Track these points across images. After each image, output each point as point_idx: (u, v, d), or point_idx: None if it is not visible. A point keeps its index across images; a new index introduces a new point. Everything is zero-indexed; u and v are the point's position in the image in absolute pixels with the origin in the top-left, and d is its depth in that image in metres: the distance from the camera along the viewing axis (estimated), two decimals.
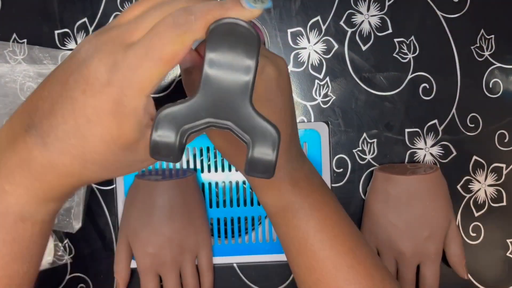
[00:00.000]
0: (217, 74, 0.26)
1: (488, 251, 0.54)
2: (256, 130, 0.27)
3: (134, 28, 0.26)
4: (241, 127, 0.26)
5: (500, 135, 0.54)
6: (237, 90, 0.26)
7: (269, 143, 0.27)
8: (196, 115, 0.26)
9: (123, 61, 0.25)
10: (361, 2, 0.53)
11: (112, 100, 0.25)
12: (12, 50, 0.51)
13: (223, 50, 0.26)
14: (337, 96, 0.53)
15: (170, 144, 0.26)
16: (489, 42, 0.54)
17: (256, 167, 0.27)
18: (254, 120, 0.26)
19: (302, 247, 0.35)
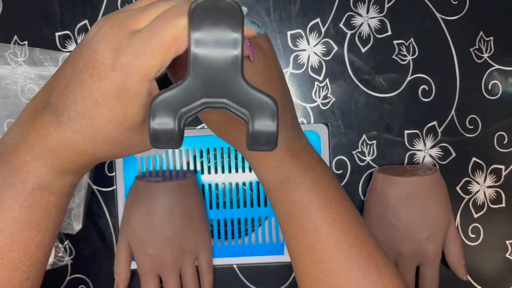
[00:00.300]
0: (205, 52, 0.26)
1: (487, 252, 0.54)
2: (253, 103, 0.26)
3: (141, 15, 0.27)
4: (237, 102, 0.26)
5: (499, 137, 0.54)
6: (227, 66, 0.26)
7: (268, 114, 0.26)
8: (190, 97, 0.26)
9: (127, 46, 0.26)
10: (360, 4, 0.53)
11: (117, 85, 0.26)
12: (13, 52, 0.52)
13: (207, 27, 0.26)
14: (336, 98, 0.54)
15: (169, 130, 0.26)
16: (488, 44, 0.54)
17: (258, 140, 0.26)
18: (249, 94, 0.26)
19: (303, 224, 0.34)
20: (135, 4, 0.29)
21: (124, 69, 0.26)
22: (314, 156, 0.35)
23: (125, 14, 0.27)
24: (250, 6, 0.53)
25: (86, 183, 0.52)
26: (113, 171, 0.53)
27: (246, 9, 0.52)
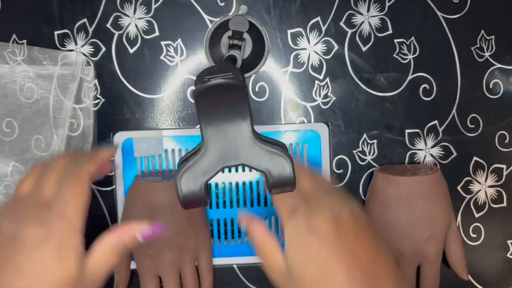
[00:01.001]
0: (216, 129, 0.29)
1: (488, 252, 0.54)
2: (268, 159, 0.29)
3: (41, 191, 0.33)
4: (253, 163, 0.29)
5: (501, 136, 0.54)
6: (239, 136, 0.29)
7: (283, 165, 0.29)
8: (210, 167, 0.29)
9: (51, 212, 0.30)
10: (361, 3, 0.53)
11: (55, 247, 0.30)
12: (11, 51, 0.51)
13: (214, 108, 0.28)
14: (337, 97, 0.53)
15: (197, 196, 0.29)
16: (490, 42, 0.53)
17: (277, 188, 0.30)
18: (263, 152, 0.29)
19: None
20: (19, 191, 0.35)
21: (58, 229, 0.31)
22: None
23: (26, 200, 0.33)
24: (250, 5, 0.53)
25: None
26: (113, 171, 0.53)
27: (245, 7, 0.52)
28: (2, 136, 0.51)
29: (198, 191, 0.29)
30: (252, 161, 0.29)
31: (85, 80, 0.52)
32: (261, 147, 0.29)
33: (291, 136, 0.53)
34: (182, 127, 0.53)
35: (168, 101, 0.53)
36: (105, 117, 0.53)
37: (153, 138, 0.53)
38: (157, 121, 0.53)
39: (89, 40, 0.52)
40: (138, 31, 0.52)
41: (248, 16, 0.52)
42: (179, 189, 0.29)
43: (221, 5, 0.52)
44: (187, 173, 0.29)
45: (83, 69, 0.52)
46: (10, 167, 0.51)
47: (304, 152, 0.53)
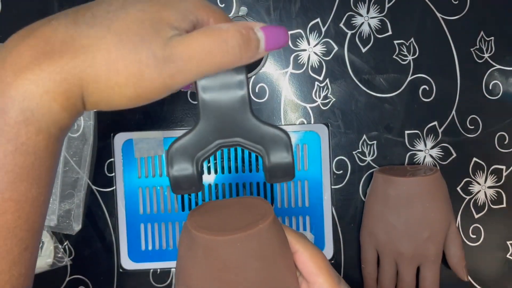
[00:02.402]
0: (213, 97, 0.27)
1: (488, 253, 0.54)
2: (266, 138, 0.27)
3: None
4: (250, 139, 0.27)
5: (500, 137, 0.54)
6: (236, 106, 0.27)
7: (282, 147, 0.27)
8: (205, 141, 0.27)
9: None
10: (360, 4, 0.53)
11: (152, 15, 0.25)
12: None
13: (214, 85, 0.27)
14: (337, 98, 0.53)
15: (189, 176, 0.27)
16: (489, 44, 0.54)
17: (276, 173, 0.28)
18: (261, 129, 0.27)
19: None
20: None
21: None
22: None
23: None
24: (250, 6, 0.53)
25: (85, 183, 0.52)
26: (113, 172, 0.53)
27: (245, 9, 0.52)
28: None
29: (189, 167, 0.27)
30: (249, 139, 0.27)
31: None
32: (261, 125, 0.27)
33: (291, 137, 0.53)
34: (183, 128, 0.53)
35: (169, 102, 0.53)
36: (105, 118, 0.53)
37: (153, 139, 0.53)
38: (158, 122, 0.53)
39: None
40: None
41: (248, 17, 0.52)
42: (169, 169, 0.27)
43: (221, 7, 0.52)
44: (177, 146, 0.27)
45: None
46: None
47: (304, 153, 0.54)
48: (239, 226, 0.29)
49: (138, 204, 0.53)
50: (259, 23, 0.27)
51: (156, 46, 0.24)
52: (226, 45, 0.25)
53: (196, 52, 0.25)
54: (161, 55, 0.24)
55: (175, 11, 0.26)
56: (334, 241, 0.54)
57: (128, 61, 0.24)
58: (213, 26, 0.26)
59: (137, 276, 0.53)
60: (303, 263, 0.32)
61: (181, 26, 0.25)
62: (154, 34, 0.24)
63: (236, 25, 0.26)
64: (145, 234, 0.53)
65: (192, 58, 0.25)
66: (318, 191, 0.54)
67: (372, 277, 0.52)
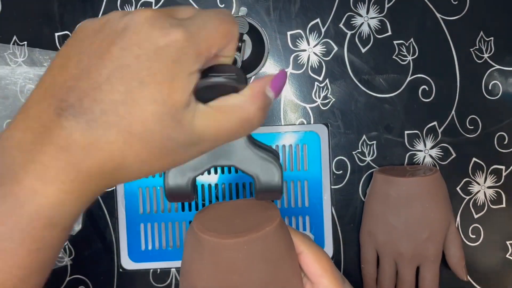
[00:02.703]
0: None
1: (487, 253, 0.54)
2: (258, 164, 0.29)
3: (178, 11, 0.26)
4: (243, 167, 0.29)
5: (500, 137, 0.54)
6: None
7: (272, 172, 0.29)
8: (200, 164, 0.29)
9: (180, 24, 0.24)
10: (360, 5, 0.53)
11: (170, 60, 0.24)
12: (12, 53, 0.51)
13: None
14: (336, 98, 0.53)
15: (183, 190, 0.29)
16: (489, 44, 0.54)
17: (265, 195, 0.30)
18: (254, 156, 0.29)
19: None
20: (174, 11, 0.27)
21: (179, 43, 0.24)
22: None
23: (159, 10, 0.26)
24: (249, 6, 0.53)
25: None
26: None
27: (245, 9, 0.52)
28: None
29: (185, 185, 0.29)
30: (242, 164, 0.29)
31: None
32: (254, 152, 0.29)
33: (290, 137, 0.53)
34: None
35: None
36: None
37: None
38: None
39: None
40: None
41: (248, 17, 0.52)
42: (166, 181, 0.29)
43: (221, 7, 0.53)
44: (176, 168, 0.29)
45: None
46: None
47: (303, 153, 0.54)
48: (246, 229, 0.29)
49: (138, 204, 0.53)
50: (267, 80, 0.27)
51: (183, 137, 0.25)
52: (248, 123, 0.26)
53: (221, 136, 0.26)
54: (189, 142, 0.25)
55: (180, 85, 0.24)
56: (334, 241, 0.54)
57: (159, 156, 0.25)
58: (231, 104, 0.26)
59: (137, 276, 0.53)
60: (307, 264, 0.32)
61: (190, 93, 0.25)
62: (176, 126, 0.24)
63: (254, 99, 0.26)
64: (145, 234, 0.53)
65: (218, 140, 0.26)
66: (318, 191, 0.54)
67: (371, 277, 0.52)
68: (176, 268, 0.54)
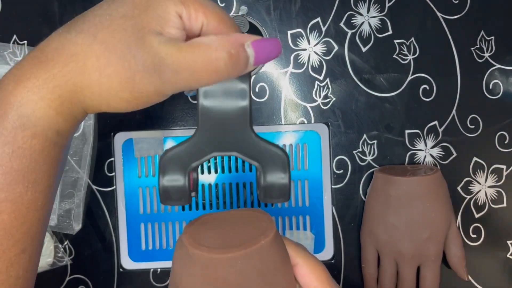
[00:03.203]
0: (213, 104, 0.26)
1: (488, 253, 0.54)
2: (264, 156, 0.26)
3: None
4: (247, 155, 0.27)
5: (500, 136, 0.54)
6: (236, 117, 0.26)
7: (280, 166, 0.26)
8: (200, 152, 0.27)
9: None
10: (361, 4, 0.53)
11: None
12: (12, 52, 0.51)
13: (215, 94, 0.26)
14: (337, 98, 0.53)
15: (179, 187, 0.26)
16: (489, 43, 0.54)
17: (271, 193, 0.27)
18: (259, 146, 0.26)
19: None
20: None
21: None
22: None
23: None
24: (250, 5, 0.53)
25: (85, 183, 0.52)
26: (113, 171, 0.53)
27: (246, 8, 0.52)
28: None
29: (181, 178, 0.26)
30: (245, 153, 0.27)
31: None
32: (259, 140, 0.27)
33: (291, 136, 0.53)
34: (183, 127, 0.53)
35: (169, 102, 0.53)
36: (105, 118, 0.53)
37: (154, 138, 0.53)
38: (158, 122, 0.53)
39: None
40: None
41: (248, 16, 0.52)
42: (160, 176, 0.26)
43: (221, 6, 0.52)
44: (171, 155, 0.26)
45: None
46: None
47: (304, 152, 0.54)
48: (239, 243, 0.27)
49: (138, 203, 0.53)
50: (251, 37, 0.26)
51: (143, 54, 0.25)
52: (212, 64, 0.25)
53: (182, 68, 0.25)
54: (150, 63, 0.25)
55: (155, 14, 0.26)
56: (334, 240, 0.54)
57: (118, 67, 0.25)
58: (200, 40, 0.25)
59: (137, 275, 0.53)
60: (303, 276, 0.31)
61: (165, 30, 0.26)
62: (139, 42, 0.25)
63: (224, 42, 0.25)
64: (145, 233, 0.53)
65: (179, 73, 0.25)
66: (318, 190, 0.54)
67: (372, 277, 0.52)
68: None
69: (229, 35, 0.26)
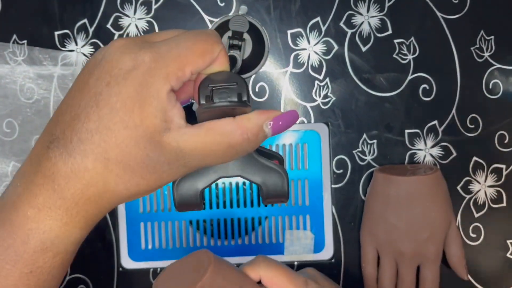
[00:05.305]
0: None
1: (488, 252, 0.54)
2: (264, 171, 0.30)
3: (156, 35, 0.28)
4: (250, 176, 0.31)
5: (500, 136, 0.54)
6: None
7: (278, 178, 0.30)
8: (208, 177, 0.31)
9: (149, 47, 0.25)
10: (361, 3, 0.53)
11: (137, 83, 0.25)
12: (12, 51, 0.51)
13: None
14: (337, 97, 0.53)
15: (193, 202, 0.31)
16: (489, 43, 0.54)
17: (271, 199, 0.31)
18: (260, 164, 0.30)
19: None
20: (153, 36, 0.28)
21: (146, 65, 0.25)
22: None
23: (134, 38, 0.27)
24: (250, 5, 0.53)
25: None
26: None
27: (245, 8, 0.52)
28: (3, 136, 0.51)
29: (193, 197, 0.31)
30: (249, 174, 0.31)
31: None
32: (259, 161, 0.30)
33: (291, 136, 0.53)
34: None
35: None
36: None
37: None
38: None
39: (90, 40, 0.52)
40: (138, 31, 0.53)
41: (248, 16, 0.52)
42: (175, 193, 0.30)
43: (221, 6, 0.52)
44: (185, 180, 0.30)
45: None
46: (10, 167, 0.51)
47: (304, 152, 0.54)
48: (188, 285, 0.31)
49: (138, 203, 0.53)
50: (270, 115, 0.27)
51: (166, 157, 0.26)
52: (234, 149, 0.27)
53: (206, 154, 0.26)
54: (174, 159, 0.26)
55: (154, 110, 0.25)
56: (334, 240, 0.54)
57: (144, 175, 0.26)
58: (220, 128, 0.26)
59: (137, 275, 0.53)
60: (269, 283, 0.33)
61: (170, 119, 0.25)
62: (156, 148, 0.25)
63: (245, 130, 0.26)
64: (145, 233, 0.53)
65: (205, 158, 0.26)
66: (318, 190, 0.54)
67: (372, 277, 0.52)
68: None
69: (251, 117, 0.26)
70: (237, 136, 0.26)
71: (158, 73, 0.25)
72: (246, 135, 0.26)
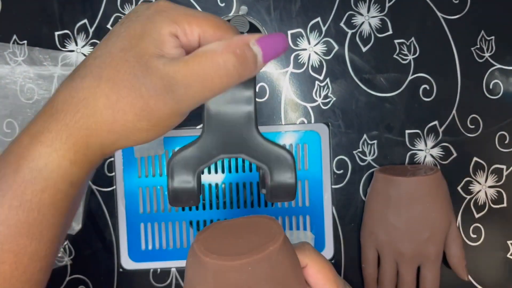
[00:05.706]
0: (219, 109, 0.27)
1: (488, 253, 0.54)
2: (270, 157, 0.28)
3: None
4: (254, 156, 0.27)
5: (501, 137, 0.54)
6: (242, 121, 0.27)
7: (286, 167, 0.28)
8: (208, 155, 0.27)
9: None
10: (361, 4, 0.53)
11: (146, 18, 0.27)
12: (12, 52, 0.51)
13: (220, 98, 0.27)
14: (337, 98, 0.53)
15: (189, 189, 0.27)
16: (490, 43, 0.54)
17: (278, 192, 0.28)
18: (266, 148, 0.28)
19: None
20: None
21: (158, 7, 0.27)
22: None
23: None
24: (250, 5, 0.53)
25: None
26: (113, 171, 0.53)
27: (246, 8, 0.52)
28: (3, 136, 0.51)
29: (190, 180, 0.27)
30: (252, 154, 0.27)
31: None
32: (265, 141, 0.28)
33: (291, 136, 0.53)
34: (183, 127, 0.53)
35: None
36: None
37: None
38: None
39: (90, 40, 0.52)
40: None
41: (248, 16, 0.52)
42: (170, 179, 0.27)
43: (221, 6, 0.52)
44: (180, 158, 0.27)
45: None
46: None
47: (304, 152, 0.54)
48: (249, 249, 0.28)
49: (138, 203, 0.53)
50: (255, 35, 0.26)
51: (152, 79, 0.25)
52: (221, 68, 0.25)
53: (193, 80, 0.25)
54: (161, 85, 0.25)
55: (151, 39, 0.26)
56: (334, 241, 0.54)
57: (130, 99, 0.25)
58: (205, 49, 0.26)
59: (137, 275, 0.53)
60: (311, 276, 0.32)
61: (165, 52, 0.26)
62: (144, 69, 0.25)
63: (229, 44, 0.25)
64: (145, 233, 0.53)
65: (192, 86, 0.25)
66: (318, 190, 0.54)
67: (372, 277, 0.52)
68: (177, 268, 0.53)
69: (232, 38, 0.26)
70: (224, 53, 0.25)
71: (166, 14, 0.26)
72: (231, 49, 0.25)
